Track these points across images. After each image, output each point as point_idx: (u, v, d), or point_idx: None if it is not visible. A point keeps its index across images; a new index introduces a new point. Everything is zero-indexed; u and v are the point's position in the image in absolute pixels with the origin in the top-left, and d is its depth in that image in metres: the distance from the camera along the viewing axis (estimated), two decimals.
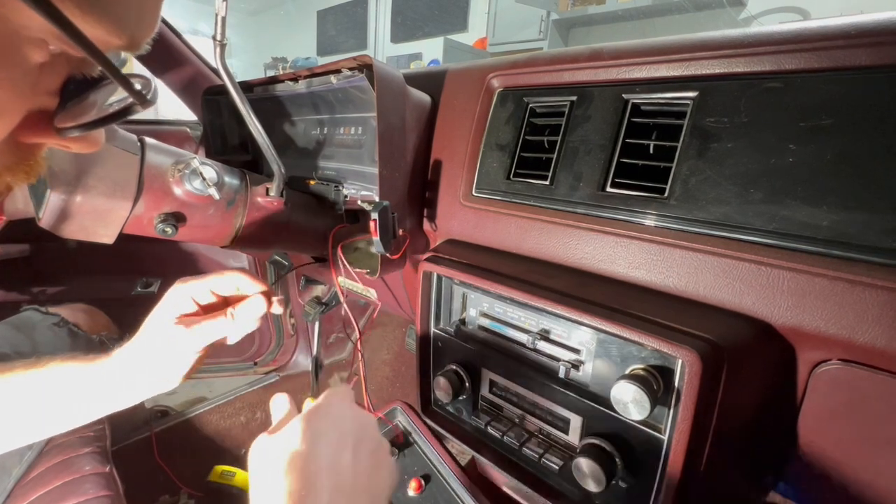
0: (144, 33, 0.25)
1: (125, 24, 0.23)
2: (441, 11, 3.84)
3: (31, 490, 0.71)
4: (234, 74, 0.56)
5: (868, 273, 0.34)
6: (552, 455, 0.51)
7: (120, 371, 0.48)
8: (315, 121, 0.84)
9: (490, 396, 0.59)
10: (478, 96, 0.63)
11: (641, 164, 0.48)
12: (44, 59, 0.23)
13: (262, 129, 0.58)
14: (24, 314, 0.89)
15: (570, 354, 0.49)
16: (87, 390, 0.49)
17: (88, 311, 0.99)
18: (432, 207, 0.68)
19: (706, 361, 0.37)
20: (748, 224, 0.40)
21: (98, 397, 0.49)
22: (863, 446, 0.39)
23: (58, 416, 0.50)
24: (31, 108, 0.25)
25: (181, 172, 0.57)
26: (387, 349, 1.61)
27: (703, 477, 0.41)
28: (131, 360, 0.48)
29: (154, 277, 1.42)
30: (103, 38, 0.22)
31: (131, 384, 0.49)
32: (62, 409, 0.49)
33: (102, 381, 0.49)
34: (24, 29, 0.21)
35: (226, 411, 1.39)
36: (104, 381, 0.49)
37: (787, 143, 0.38)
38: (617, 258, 0.48)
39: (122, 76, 0.23)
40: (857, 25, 0.36)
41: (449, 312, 0.63)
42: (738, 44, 0.42)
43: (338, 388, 0.44)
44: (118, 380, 0.48)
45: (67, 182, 0.51)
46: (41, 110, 0.26)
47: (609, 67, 0.51)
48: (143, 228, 0.58)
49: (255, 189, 0.66)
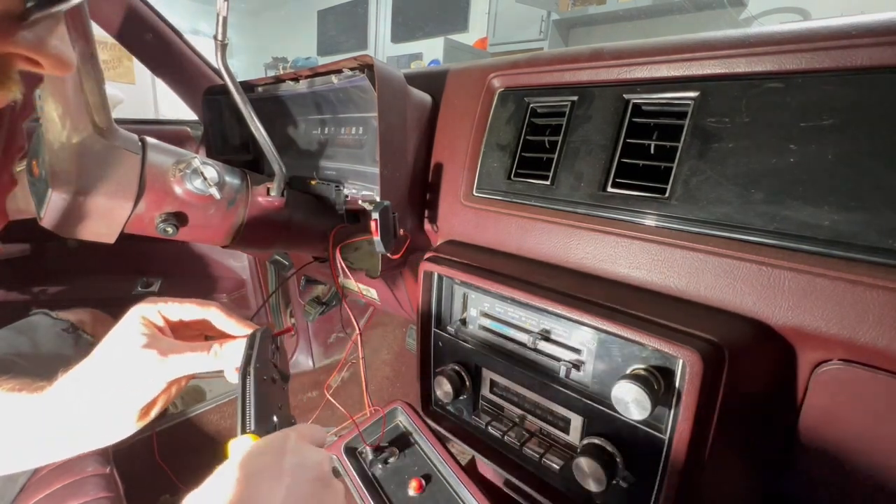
0: None
1: None
2: (441, 11, 3.84)
3: (34, 493, 0.71)
4: (235, 74, 0.56)
5: (869, 273, 0.34)
6: (553, 455, 0.51)
7: (63, 403, 0.39)
8: (316, 121, 0.84)
9: (491, 396, 0.59)
10: (479, 96, 0.63)
11: (642, 165, 0.48)
12: None
13: (263, 128, 0.58)
14: (32, 318, 0.89)
15: (570, 354, 0.49)
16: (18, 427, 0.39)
17: (93, 314, 0.99)
18: (433, 207, 0.68)
19: (707, 361, 0.37)
20: (749, 224, 0.40)
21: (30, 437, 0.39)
22: (864, 446, 0.39)
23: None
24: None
25: (182, 172, 0.57)
26: (387, 349, 1.61)
27: (703, 477, 0.41)
28: (80, 389, 0.39)
29: (154, 277, 1.43)
30: None
31: (74, 420, 0.39)
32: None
33: (38, 415, 0.39)
34: None
35: (226, 411, 1.39)
36: (40, 415, 0.39)
37: (787, 143, 0.39)
38: (618, 258, 0.48)
39: None
40: (857, 25, 0.36)
41: (450, 312, 0.63)
42: (739, 44, 0.42)
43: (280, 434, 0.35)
44: (58, 414, 0.39)
45: (69, 181, 0.51)
46: (4, 13, 0.25)
47: (610, 67, 0.51)
48: (144, 228, 0.58)
49: (256, 189, 0.66)
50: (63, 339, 0.86)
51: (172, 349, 0.40)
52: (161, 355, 0.39)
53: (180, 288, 1.41)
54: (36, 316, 0.89)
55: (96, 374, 0.39)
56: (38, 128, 0.51)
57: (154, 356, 0.39)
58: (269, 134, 0.59)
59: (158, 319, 0.42)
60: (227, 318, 0.45)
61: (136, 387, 0.39)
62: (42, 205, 0.52)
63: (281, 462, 0.32)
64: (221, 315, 0.45)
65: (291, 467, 0.31)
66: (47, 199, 0.51)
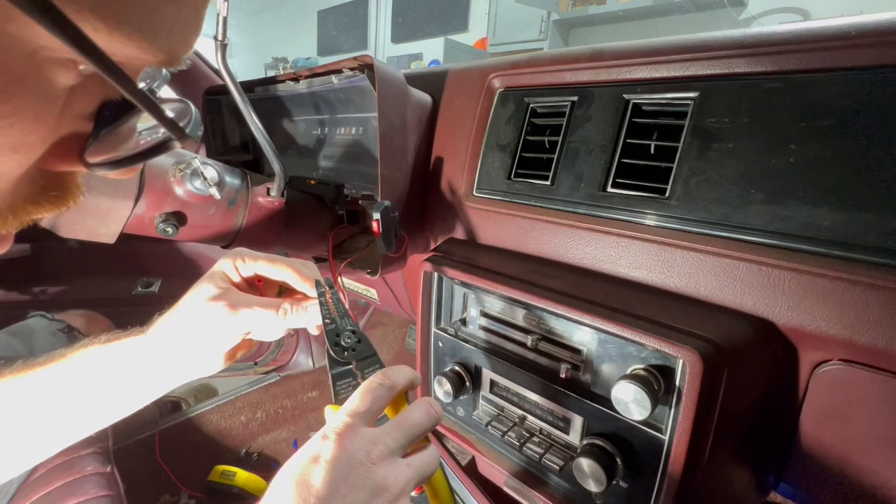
0: (184, 47, 0.21)
1: (161, 40, 0.19)
2: (441, 11, 3.84)
3: (33, 491, 0.71)
4: (235, 74, 0.56)
5: (869, 273, 0.34)
6: (553, 455, 0.51)
7: (162, 346, 0.42)
8: (316, 121, 0.84)
9: (491, 396, 0.59)
10: (479, 96, 0.63)
11: (642, 165, 0.48)
12: (73, 82, 0.20)
13: (263, 128, 0.59)
14: (29, 321, 0.89)
15: (570, 354, 0.49)
16: (127, 373, 0.43)
17: (87, 315, 0.99)
18: (433, 207, 0.68)
19: (707, 362, 0.37)
20: (749, 224, 0.40)
21: (140, 380, 0.43)
22: (864, 446, 0.39)
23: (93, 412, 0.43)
24: (60, 136, 0.22)
25: (182, 172, 0.58)
26: (387, 349, 1.61)
27: (703, 477, 0.41)
28: (170, 335, 0.42)
29: (154, 277, 1.43)
30: (136, 56, 0.19)
31: (174, 361, 0.43)
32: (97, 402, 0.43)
33: (144, 359, 0.43)
34: (45, 50, 0.17)
35: (226, 411, 1.39)
36: (146, 358, 0.43)
37: (787, 144, 0.39)
38: (618, 258, 0.48)
39: (153, 105, 0.19)
40: (857, 25, 0.36)
41: (450, 312, 0.63)
42: (739, 44, 0.42)
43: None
44: (161, 356, 0.43)
45: None
46: (73, 135, 0.22)
47: (610, 68, 0.51)
48: (144, 228, 0.58)
49: (256, 189, 0.66)
50: (58, 338, 0.87)
51: (242, 303, 0.42)
52: (230, 308, 0.41)
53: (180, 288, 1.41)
54: (33, 318, 0.90)
55: (179, 319, 0.43)
56: None
57: (222, 308, 0.41)
58: (269, 134, 0.59)
59: (234, 274, 0.44)
60: (300, 280, 0.46)
61: (210, 335, 0.42)
62: None
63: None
64: (293, 276, 0.45)
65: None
66: None
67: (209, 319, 0.41)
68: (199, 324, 0.42)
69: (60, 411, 0.43)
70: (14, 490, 0.71)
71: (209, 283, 0.43)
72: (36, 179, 0.22)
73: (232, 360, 0.46)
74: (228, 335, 0.42)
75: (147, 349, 0.43)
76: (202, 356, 0.43)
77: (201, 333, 0.42)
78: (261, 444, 1.42)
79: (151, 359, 0.43)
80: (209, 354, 0.43)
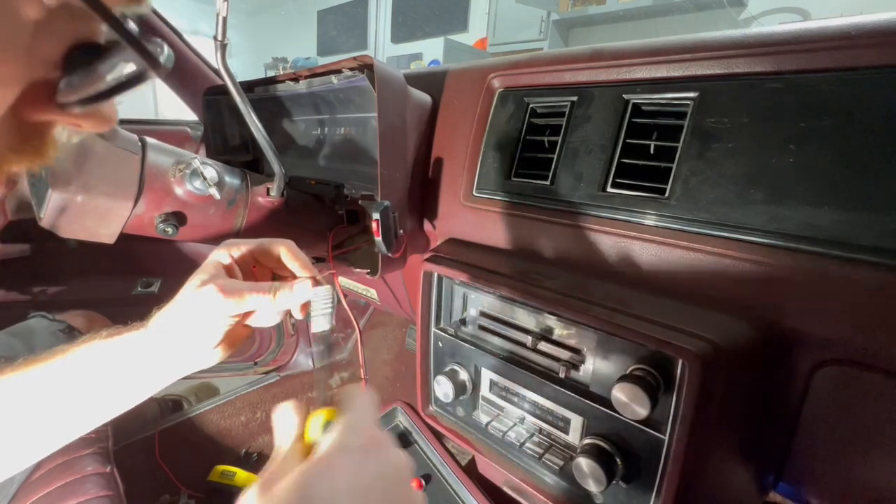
0: None
1: None
2: (441, 11, 3.84)
3: (33, 491, 0.71)
4: (235, 74, 0.56)
5: (868, 273, 0.34)
6: (552, 455, 0.51)
7: (159, 338, 0.43)
8: (316, 121, 0.84)
9: (490, 396, 0.59)
10: (478, 96, 0.63)
11: (642, 165, 0.48)
12: (38, 16, 0.20)
13: (263, 129, 0.59)
14: (30, 321, 0.89)
15: (570, 354, 0.49)
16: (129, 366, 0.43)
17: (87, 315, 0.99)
18: (433, 207, 0.68)
19: (706, 362, 0.37)
20: (749, 224, 0.40)
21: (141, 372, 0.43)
22: (863, 447, 0.39)
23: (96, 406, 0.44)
24: (31, 77, 0.22)
25: (182, 172, 0.58)
26: (387, 349, 1.61)
27: (703, 477, 0.41)
28: (167, 326, 0.43)
29: (154, 277, 1.42)
30: None
31: (172, 353, 0.43)
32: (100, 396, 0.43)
33: (144, 351, 0.43)
34: None
35: (226, 411, 1.39)
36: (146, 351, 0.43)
37: (787, 144, 0.39)
38: (617, 258, 0.48)
39: (129, 34, 0.20)
40: (857, 25, 0.36)
41: (449, 312, 0.63)
42: (739, 44, 0.42)
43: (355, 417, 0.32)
44: (160, 348, 0.43)
45: (68, 181, 0.51)
46: (43, 82, 0.23)
47: (609, 68, 0.51)
48: (143, 228, 0.59)
49: (256, 189, 0.66)
50: (58, 338, 0.87)
51: (233, 287, 0.42)
52: (221, 292, 0.41)
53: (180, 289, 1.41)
54: (33, 319, 0.90)
55: (174, 310, 0.43)
56: None
57: (212, 292, 0.41)
58: (268, 134, 0.59)
59: (227, 259, 0.44)
60: (292, 259, 0.46)
61: (203, 320, 0.42)
62: (42, 205, 0.52)
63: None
64: (287, 253, 0.45)
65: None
66: (47, 200, 0.51)
67: (201, 304, 0.41)
68: (192, 310, 0.42)
69: (64, 406, 0.43)
70: (14, 490, 0.71)
71: (202, 272, 0.43)
72: (13, 130, 0.24)
73: (231, 349, 0.45)
74: (221, 319, 0.42)
75: (146, 342, 0.43)
76: (198, 344, 0.43)
77: (195, 320, 0.42)
78: (261, 444, 1.42)
79: (151, 351, 0.43)
80: (205, 342, 0.43)
